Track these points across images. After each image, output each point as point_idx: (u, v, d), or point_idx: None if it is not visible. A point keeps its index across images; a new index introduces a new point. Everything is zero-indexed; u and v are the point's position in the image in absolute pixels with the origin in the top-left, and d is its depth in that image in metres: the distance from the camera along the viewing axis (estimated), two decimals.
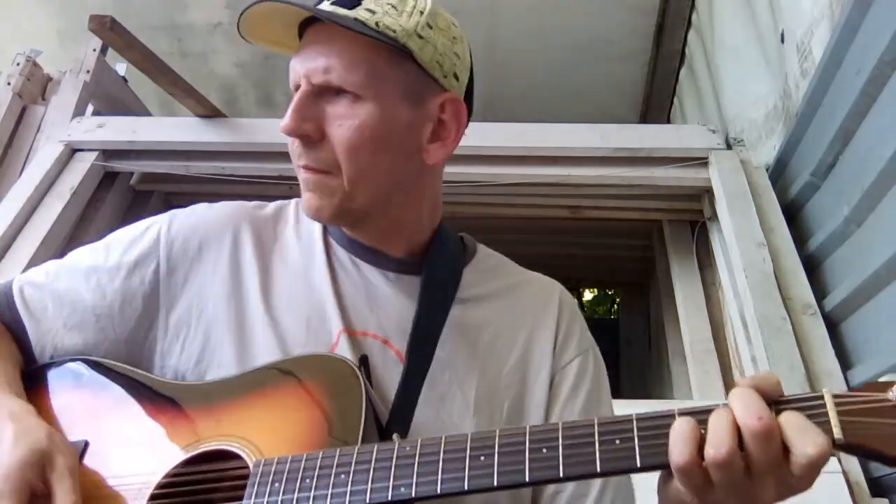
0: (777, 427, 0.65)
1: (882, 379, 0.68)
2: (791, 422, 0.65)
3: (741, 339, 2.03)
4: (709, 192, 2.45)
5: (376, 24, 0.86)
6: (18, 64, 2.80)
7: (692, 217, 2.64)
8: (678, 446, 0.66)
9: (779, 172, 2.34)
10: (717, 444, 0.65)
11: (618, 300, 5.53)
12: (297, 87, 0.89)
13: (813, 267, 2.07)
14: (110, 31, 2.37)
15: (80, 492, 0.77)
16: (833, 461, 1.61)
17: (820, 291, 1.99)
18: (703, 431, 0.66)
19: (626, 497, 0.90)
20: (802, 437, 0.64)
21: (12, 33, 3.48)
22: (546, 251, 3.23)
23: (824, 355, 1.82)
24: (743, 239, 2.13)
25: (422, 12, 0.90)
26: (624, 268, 3.74)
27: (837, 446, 0.65)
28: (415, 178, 0.93)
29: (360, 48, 0.87)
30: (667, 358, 2.64)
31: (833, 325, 1.91)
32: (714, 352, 2.22)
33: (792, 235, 2.14)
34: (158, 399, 0.88)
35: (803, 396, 0.68)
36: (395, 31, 0.87)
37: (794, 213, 2.24)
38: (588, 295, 6.63)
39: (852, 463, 1.62)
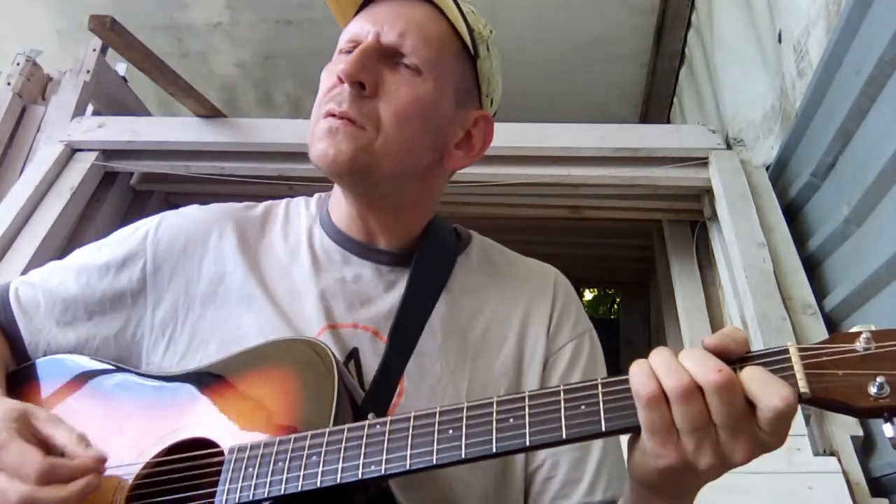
0: (738, 381, 0.64)
1: (851, 329, 0.66)
2: (753, 376, 0.64)
3: None
4: (709, 192, 2.45)
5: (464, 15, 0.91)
6: (18, 64, 2.80)
7: (692, 217, 2.64)
8: (642, 379, 0.65)
9: (779, 172, 2.34)
10: (669, 372, 0.64)
11: (618, 300, 5.53)
12: (354, 44, 0.89)
13: (813, 267, 2.07)
14: (110, 31, 2.37)
15: None
16: (833, 461, 1.61)
17: (820, 291, 1.99)
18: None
19: (620, 479, 0.88)
20: (766, 391, 0.62)
21: (12, 33, 3.48)
22: (546, 251, 3.20)
23: None
24: (743, 239, 2.13)
25: (491, 31, 0.96)
26: (624, 268, 3.74)
27: (804, 400, 0.64)
28: (431, 171, 0.95)
29: (437, 28, 0.91)
30: None
31: (833, 325, 1.91)
32: None
33: (792, 235, 2.14)
34: (138, 392, 0.89)
35: (768, 351, 0.66)
36: (473, 31, 0.92)
37: (794, 213, 2.24)
38: (588, 295, 6.63)
39: (852, 463, 1.62)
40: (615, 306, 6.16)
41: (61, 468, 0.72)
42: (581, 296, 6.46)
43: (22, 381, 0.92)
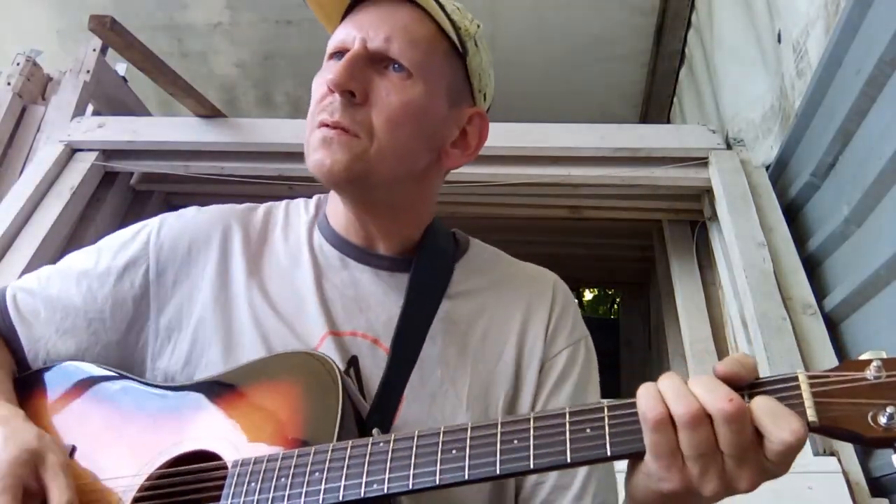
0: (748, 411, 0.63)
1: (861, 357, 0.65)
2: (764, 407, 0.63)
3: (741, 339, 2.03)
4: (709, 192, 2.44)
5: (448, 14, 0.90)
6: (18, 64, 2.80)
7: (692, 217, 2.63)
8: (649, 402, 0.65)
9: (779, 172, 2.34)
10: (678, 397, 0.64)
11: (618, 300, 5.53)
12: (341, 51, 0.89)
13: (813, 267, 2.07)
14: (110, 31, 2.37)
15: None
16: (833, 461, 1.61)
17: (820, 291, 1.99)
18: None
19: (608, 488, 0.89)
20: (777, 423, 0.62)
21: (12, 33, 3.48)
22: (546, 251, 3.22)
23: (824, 355, 1.82)
24: (743, 239, 2.13)
25: (478, 26, 0.95)
26: (624, 268, 3.73)
27: (812, 429, 0.63)
28: (428, 172, 0.95)
29: (424, 29, 0.90)
30: (667, 358, 2.64)
31: (833, 325, 1.91)
32: (714, 352, 2.22)
33: (792, 235, 2.14)
34: (143, 402, 0.89)
35: (777, 378, 0.66)
36: (460, 29, 0.91)
37: (794, 213, 2.24)
38: (588, 295, 6.63)
39: (852, 463, 1.62)
40: (615, 306, 6.16)
41: None
42: (581, 296, 6.46)
43: (26, 389, 0.92)
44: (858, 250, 1.85)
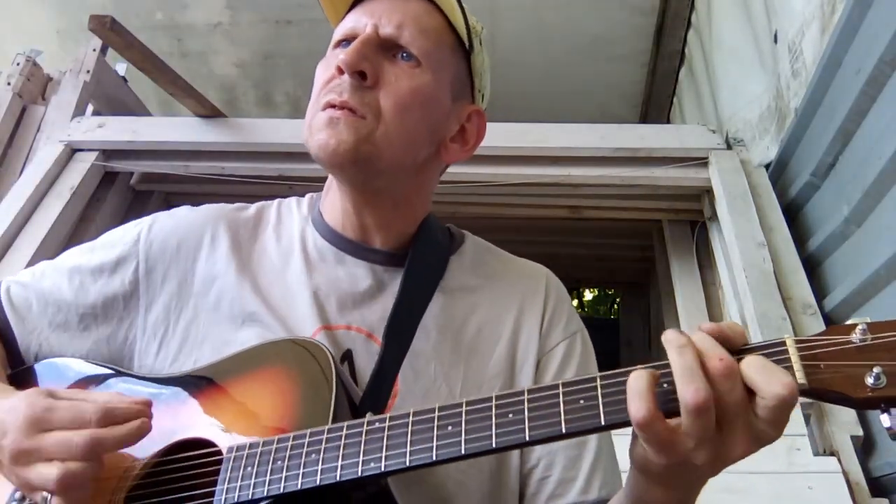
0: (739, 369, 0.63)
1: (848, 322, 0.66)
2: (754, 364, 0.63)
3: None
4: (709, 192, 2.45)
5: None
6: (18, 64, 2.81)
7: (692, 217, 2.64)
8: (634, 402, 0.64)
9: (779, 172, 2.34)
10: (689, 381, 0.63)
11: (618, 300, 5.53)
12: (350, 38, 0.90)
13: (813, 267, 2.07)
14: (110, 31, 2.37)
15: None
16: (833, 461, 1.61)
17: (820, 291, 1.99)
18: (664, 384, 0.65)
19: (614, 478, 0.89)
20: (768, 378, 0.62)
21: (12, 33, 3.48)
22: (546, 251, 3.22)
23: None
24: (743, 239, 2.13)
25: (482, 28, 0.97)
26: (624, 268, 3.74)
27: (802, 392, 0.63)
28: (428, 164, 0.95)
29: (434, 21, 0.91)
30: (666, 358, 2.64)
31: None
32: None
33: (792, 235, 2.15)
34: (136, 394, 0.88)
35: (764, 343, 0.66)
36: (469, 24, 0.93)
37: (794, 213, 2.24)
38: (588, 295, 6.64)
39: (852, 463, 1.62)
40: (615, 306, 6.16)
41: (118, 409, 0.75)
42: (581, 296, 6.46)
43: (19, 385, 0.91)
44: (858, 250, 1.85)
